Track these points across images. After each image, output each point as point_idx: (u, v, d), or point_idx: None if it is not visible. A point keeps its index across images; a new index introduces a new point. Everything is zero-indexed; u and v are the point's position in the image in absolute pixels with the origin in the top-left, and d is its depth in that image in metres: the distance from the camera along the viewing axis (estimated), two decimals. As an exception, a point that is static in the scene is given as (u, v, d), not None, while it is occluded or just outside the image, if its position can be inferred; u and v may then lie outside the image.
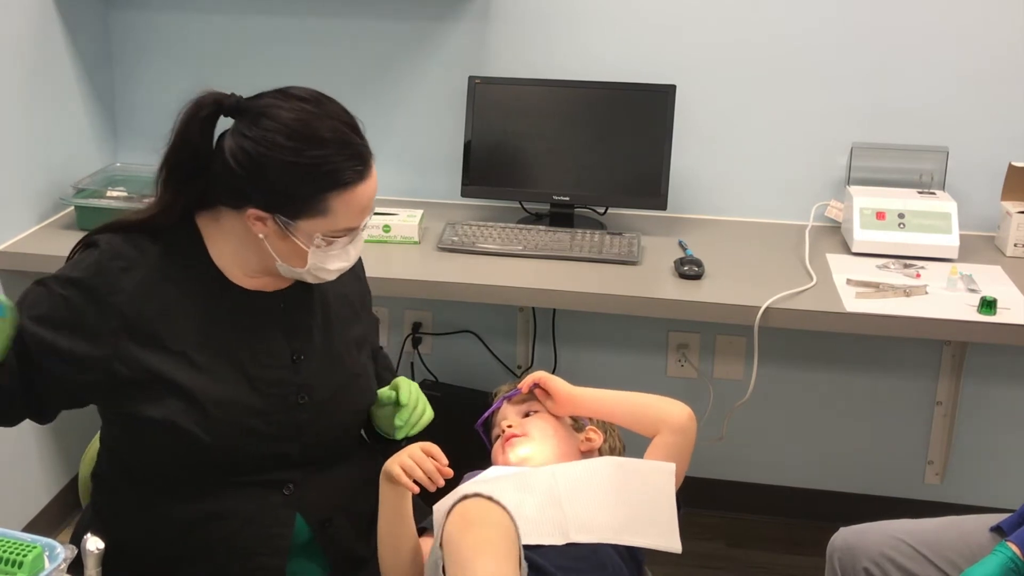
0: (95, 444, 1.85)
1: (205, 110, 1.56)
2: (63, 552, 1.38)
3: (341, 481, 1.69)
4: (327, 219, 1.53)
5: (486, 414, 1.84)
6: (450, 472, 1.56)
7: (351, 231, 1.58)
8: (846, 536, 1.90)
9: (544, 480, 1.62)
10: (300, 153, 1.49)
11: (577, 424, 1.83)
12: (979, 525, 1.82)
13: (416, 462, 1.54)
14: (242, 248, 1.60)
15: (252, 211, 1.54)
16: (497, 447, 1.79)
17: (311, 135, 1.50)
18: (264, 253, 1.58)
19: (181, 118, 1.57)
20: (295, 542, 1.64)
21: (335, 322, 1.72)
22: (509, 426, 1.77)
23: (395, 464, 1.55)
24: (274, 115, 1.51)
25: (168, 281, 1.58)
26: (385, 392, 1.74)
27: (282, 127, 1.50)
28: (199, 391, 1.56)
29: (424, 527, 1.65)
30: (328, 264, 1.59)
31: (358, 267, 1.81)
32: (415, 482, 1.54)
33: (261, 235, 1.56)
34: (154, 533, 1.62)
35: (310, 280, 1.63)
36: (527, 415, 1.80)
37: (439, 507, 1.61)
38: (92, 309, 1.54)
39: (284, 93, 1.55)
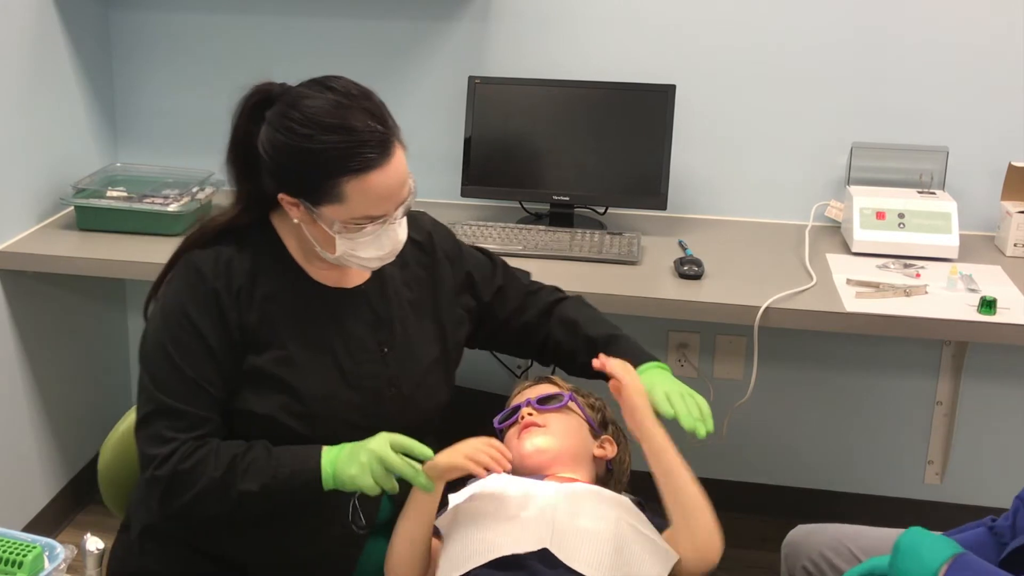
0: (117, 431, 1.91)
1: (253, 99, 1.61)
2: (63, 552, 1.38)
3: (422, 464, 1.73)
4: (344, 206, 1.56)
5: (506, 420, 1.82)
6: (509, 465, 1.58)
7: (374, 219, 1.59)
8: (799, 534, 1.91)
9: (548, 497, 1.61)
10: (312, 139, 1.53)
11: (594, 431, 1.82)
12: None
13: (481, 450, 1.57)
14: (302, 238, 1.65)
15: (283, 196, 1.60)
16: (512, 433, 1.78)
17: (325, 122, 1.54)
18: (307, 240, 1.63)
19: (236, 109, 1.63)
20: (377, 520, 1.69)
21: (410, 315, 1.76)
22: (530, 414, 1.77)
23: (458, 455, 1.56)
24: (298, 104, 1.56)
25: (261, 287, 1.64)
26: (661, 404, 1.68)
27: (300, 115, 1.55)
28: (299, 387, 1.63)
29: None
30: (359, 252, 1.61)
31: (438, 253, 1.83)
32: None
33: (296, 220, 1.61)
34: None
35: (354, 266, 1.66)
36: (549, 408, 1.80)
37: (455, 497, 1.63)
38: (200, 331, 1.60)
39: (316, 82, 1.60)
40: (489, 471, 1.56)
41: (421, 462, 1.55)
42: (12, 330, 2.60)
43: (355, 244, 1.60)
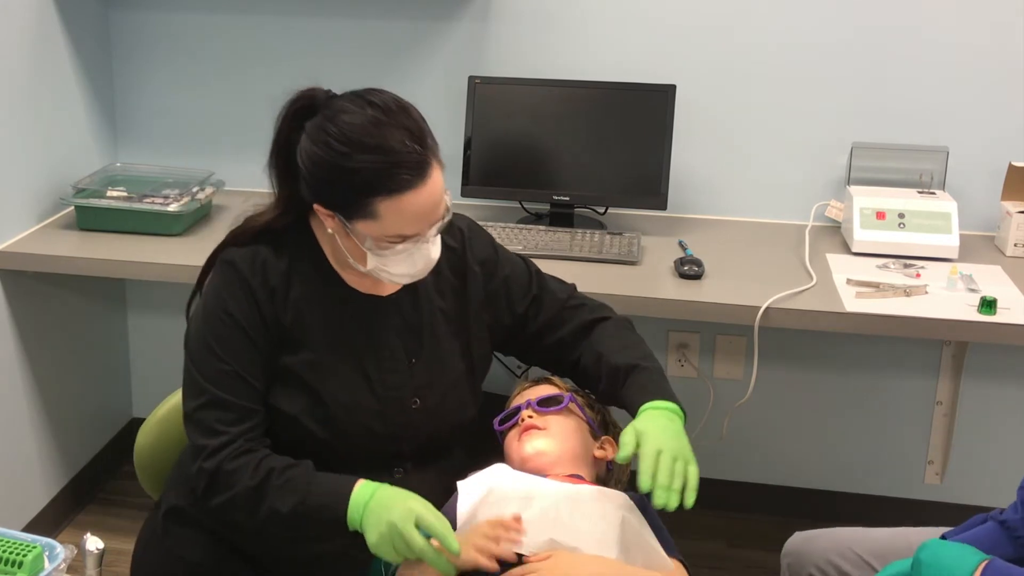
0: (156, 415, 1.92)
1: (296, 104, 1.60)
2: (63, 552, 1.38)
3: (448, 472, 1.74)
4: (378, 223, 1.56)
5: (506, 422, 1.81)
6: (523, 529, 1.54)
7: (407, 238, 1.58)
8: (797, 541, 1.89)
9: (550, 497, 1.61)
10: (349, 157, 1.52)
11: (594, 431, 1.83)
12: (928, 536, 1.80)
13: (489, 536, 1.52)
14: (336, 247, 1.66)
15: (318, 207, 1.61)
16: (512, 435, 1.78)
17: (363, 142, 1.53)
18: (341, 250, 1.64)
19: (280, 113, 1.62)
20: None
21: (441, 324, 1.76)
22: (530, 416, 1.77)
23: (471, 551, 1.49)
24: (336, 119, 1.55)
25: (296, 289, 1.66)
26: (626, 446, 1.58)
27: (337, 131, 1.54)
28: (324, 393, 1.65)
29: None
30: (391, 268, 1.62)
31: (469, 260, 1.80)
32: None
33: (330, 230, 1.62)
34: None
35: (384, 280, 1.66)
36: (550, 411, 1.80)
37: (463, 485, 1.63)
38: (241, 324, 1.62)
39: (357, 95, 1.59)
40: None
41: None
42: (12, 330, 2.60)
43: (386, 260, 1.60)
